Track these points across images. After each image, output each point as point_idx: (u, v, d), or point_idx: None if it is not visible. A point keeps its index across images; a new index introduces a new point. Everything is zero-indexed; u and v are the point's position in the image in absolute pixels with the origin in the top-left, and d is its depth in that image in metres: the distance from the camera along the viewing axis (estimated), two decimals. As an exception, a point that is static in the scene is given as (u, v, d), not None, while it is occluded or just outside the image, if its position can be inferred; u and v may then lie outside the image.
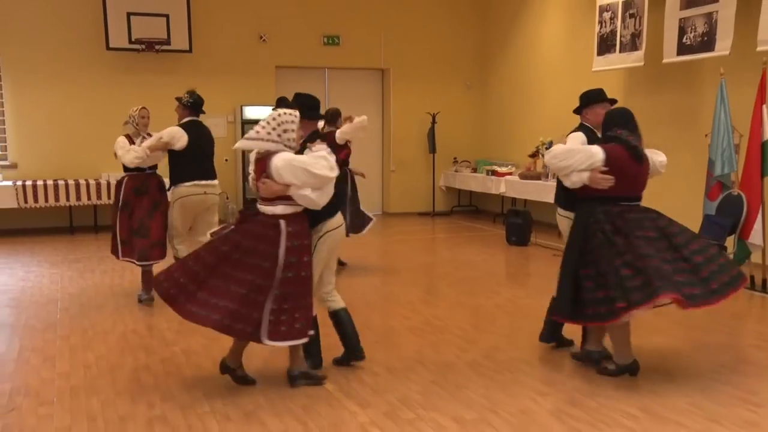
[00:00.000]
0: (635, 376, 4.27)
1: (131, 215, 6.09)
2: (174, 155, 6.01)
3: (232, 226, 4.18)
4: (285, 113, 4.05)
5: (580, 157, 4.21)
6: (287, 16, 11.24)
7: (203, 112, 6.21)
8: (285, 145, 3.99)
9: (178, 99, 6.16)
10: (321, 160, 3.96)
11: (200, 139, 6.09)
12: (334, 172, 4.00)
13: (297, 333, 4.00)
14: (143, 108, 6.29)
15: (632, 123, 4.32)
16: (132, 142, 6.10)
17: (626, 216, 4.19)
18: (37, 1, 10.00)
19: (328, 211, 4.23)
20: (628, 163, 4.21)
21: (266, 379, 4.29)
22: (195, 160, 6.03)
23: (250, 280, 3.91)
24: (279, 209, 3.99)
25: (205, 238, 5.95)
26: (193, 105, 6.11)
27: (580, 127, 4.75)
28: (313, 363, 4.43)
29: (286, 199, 3.97)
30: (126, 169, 6.17)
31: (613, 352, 4.38)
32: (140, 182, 6.13)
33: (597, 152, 4.20)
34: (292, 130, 4.02)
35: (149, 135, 6.19)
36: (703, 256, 4.19)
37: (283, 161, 3.92)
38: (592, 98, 4.75)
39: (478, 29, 12.37)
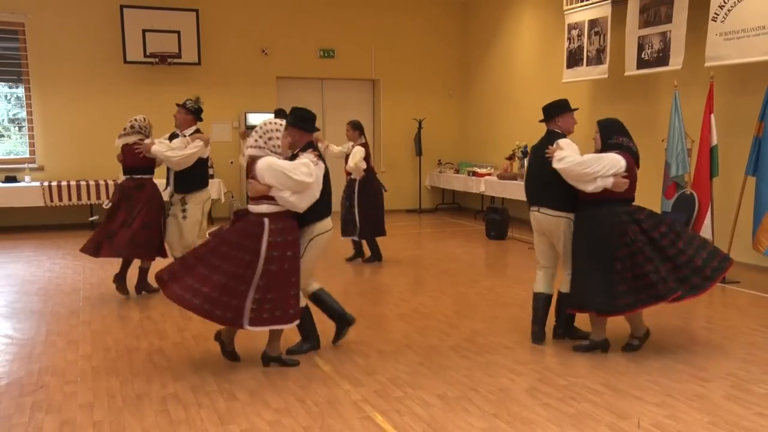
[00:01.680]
0: (606, 352, 4.37)
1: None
2: (200, 163, 5.79)
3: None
4: (270, 122, 4.08)
5: (606, 163, 4.18)
6: (287, 31, 11.20)
7: (201, 120, 5.97)
8: (271, 151, 4.02)
9: (182, 104, 5.88)
10: (301, 167, 3.97)
11: None
12: (311, 179, 3.98)
13: (278, 319, 3.97)
14: (144, 117, 6.00)
15: (627, 131, 4.40)
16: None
17: (640, 216, 4.25)
18: (62, 20, 9.94)
19: (316, 214, 4.20)
20: (634, 168, 4.30)
21: (269, 361, 4.29)
22: (207, 167, 6.00)
23: (232, 271, 3.89)
24: (263, 208, 3.98)
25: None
26: (197, 111, 5.89)
27: (555, 134, 4.58)
28: (311, 346, 4.44)
29: (269, 198, 3.96)
30: (151, 171, 5.92)
31: (591, 330, 4.45)
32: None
33: (620, 160, 4.22)
34: (277, 138, 4.04)
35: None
36: (692, 247, 4.26)
37: (265, 164, 3.94)
38: (563, 107, 4.68)
39: (460, 44, 12.37)
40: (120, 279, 6.00)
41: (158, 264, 6.16)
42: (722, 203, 6.90)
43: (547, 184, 4.48)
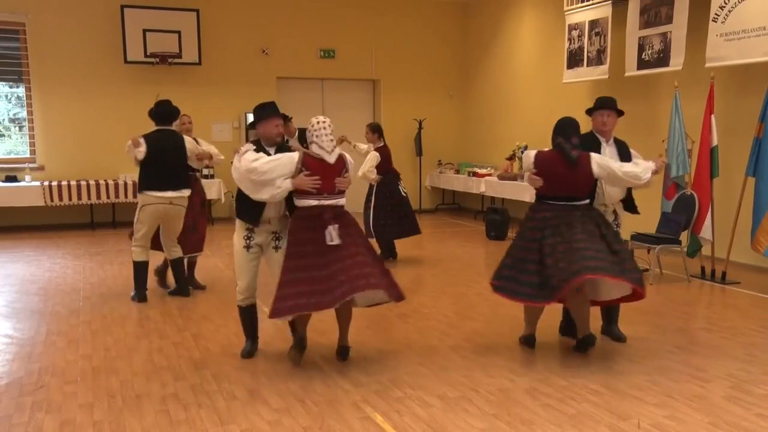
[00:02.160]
0: (592, 346, 4.31)
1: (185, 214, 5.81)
2: (140, 164, 5.55)
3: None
4: (323, 119, 4.13)
5: (525, 160, 4.43)
6: (287, 31, 11.21)
7: (170, 122, 5.69)
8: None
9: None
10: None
11: (161, 150, 5.54)
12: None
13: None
14: (184, 115, 6.09)
15: (569, 131, 4.27)
16: None
17: (548, 214, 4.24)
18: (62, 20, 9.95)
19: None
20: (558, 167, 4.22)
21: (268, 361, 4.29)
22: (158, 170, 5.53)
23: (374, 258, 4.10)
24: (345, 199, 4.19)
25: (173, 243, 5.83)
26: (154, 114, 5.66)
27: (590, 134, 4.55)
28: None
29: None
30: (192, 170, 5.99)
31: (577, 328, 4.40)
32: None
33: (531, 156, 4.37)
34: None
35: (195, 139, 6.06)
36: (555, 268, 4.11)
37: (350, 159, 4.22)
38: (595, 105, 4.58)
39: (460, 45, 12.37)
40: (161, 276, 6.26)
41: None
42: (722, 204, 6.90)
43: None
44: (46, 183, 9.56)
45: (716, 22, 6.68)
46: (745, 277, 6.59)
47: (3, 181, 9.61)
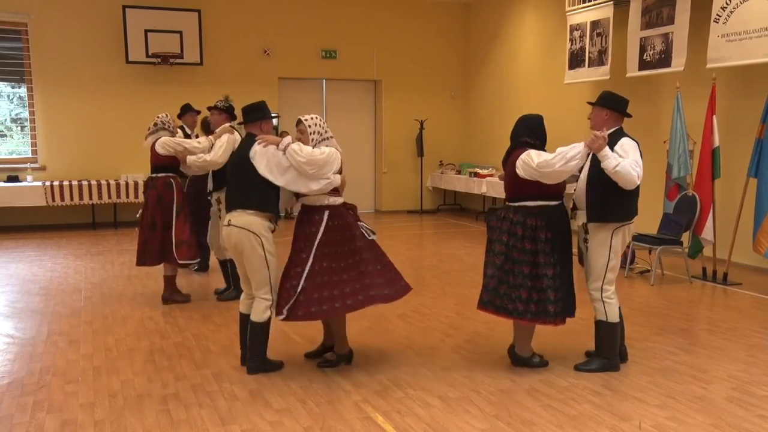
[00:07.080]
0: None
1: (188, 215, 5.70)
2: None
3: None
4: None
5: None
6: (289, 32, 11.21)
7: (235, 118, 5.74)
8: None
9: (213, 106, 5.78)
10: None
11: None
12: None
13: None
14: (167, 114, 5.87)
15: (518, 129, 4.11)
16: None
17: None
18: (64, 20, 9.96)
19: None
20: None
21: (270, 361, 4.29)
22: None
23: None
24: None
25: None
26: (229, 109, 5.78)
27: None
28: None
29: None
30: (175, 170, 5.67)
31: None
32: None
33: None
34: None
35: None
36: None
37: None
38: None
39: (462, 45, 12.37)
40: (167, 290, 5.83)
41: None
42: (724, 205, 6.90)
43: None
44: (47, 183, 9.57)
45: (718, 22, 6.67)
46: (746, 278, 6.58)
47: (5, 181, 9.61)
